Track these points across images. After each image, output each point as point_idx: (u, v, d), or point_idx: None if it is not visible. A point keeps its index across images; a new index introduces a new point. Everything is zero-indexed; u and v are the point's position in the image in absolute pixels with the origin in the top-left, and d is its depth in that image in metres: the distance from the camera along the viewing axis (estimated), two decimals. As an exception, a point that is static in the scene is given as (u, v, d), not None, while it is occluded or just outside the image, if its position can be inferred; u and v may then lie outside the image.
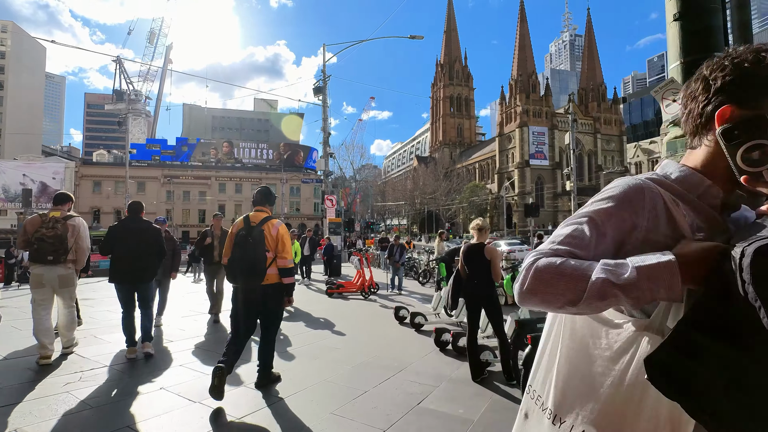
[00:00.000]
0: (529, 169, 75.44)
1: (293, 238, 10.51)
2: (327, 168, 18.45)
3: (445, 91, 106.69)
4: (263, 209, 4.04)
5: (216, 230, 7.57)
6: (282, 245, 3.82)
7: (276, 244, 3.79)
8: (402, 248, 11.82)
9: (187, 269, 17.93)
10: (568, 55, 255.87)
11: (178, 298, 9.62)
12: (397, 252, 11.58)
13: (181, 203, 57.17)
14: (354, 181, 70.71)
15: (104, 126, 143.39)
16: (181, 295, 10.56)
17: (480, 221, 4.34)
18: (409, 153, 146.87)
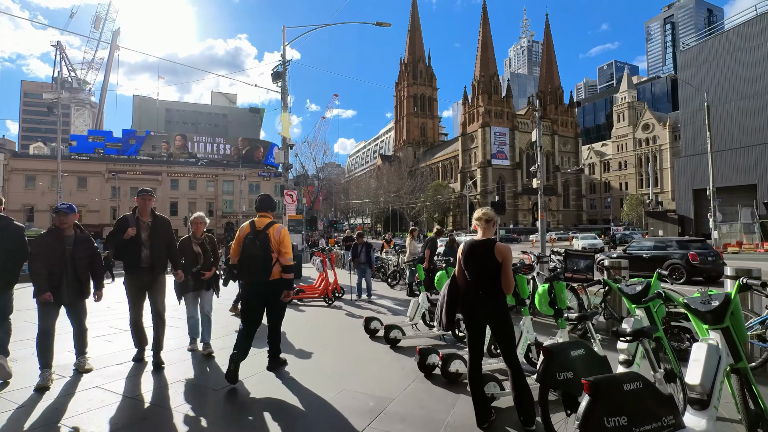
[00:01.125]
0: (491, 168, 76.64)
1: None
2: (286, 161, 16.93)
3: (409, 90, 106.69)
4: (266, 214, 4.54)
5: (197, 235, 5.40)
6: (284, 246, 4.37)
7: (279, 245, 4.33)
8: (368, 247, 10.04)
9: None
10: (525, 60, 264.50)
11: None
12: (362, 252, 9.89)
13: (128, 201, 52.95)
14: (317, 179, 68.73)
15: (43, 117, 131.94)
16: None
17: (487, 210, 3.25)
18: (373, 152, 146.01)
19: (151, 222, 4.70)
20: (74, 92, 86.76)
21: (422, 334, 5.78)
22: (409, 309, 6.44)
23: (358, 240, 10.35)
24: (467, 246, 3.21)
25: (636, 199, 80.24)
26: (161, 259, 4.73)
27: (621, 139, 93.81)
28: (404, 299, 9.76)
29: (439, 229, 9.94)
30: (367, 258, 9.93)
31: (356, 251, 10.05)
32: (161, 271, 4.76)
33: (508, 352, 3.06)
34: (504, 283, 3.06)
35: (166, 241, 4.78)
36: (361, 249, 10.00)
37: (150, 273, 4.63)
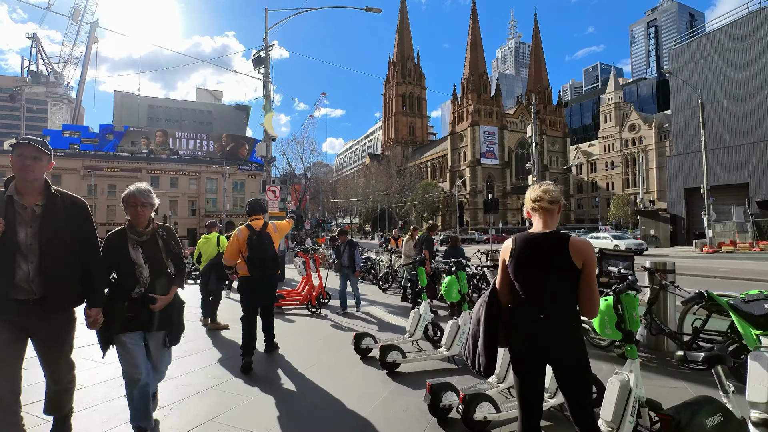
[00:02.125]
0: (481, 167, 76.16)
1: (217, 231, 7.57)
2: (269, 154, 15.69)
3: (398, 89, 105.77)
4: (259, 217, 5.08)
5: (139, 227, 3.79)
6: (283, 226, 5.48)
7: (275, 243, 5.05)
8: (351, 247, 8.01)
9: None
10: (513, 61, 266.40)
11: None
12: (345, 253, 7.97)
13: (106, 199, 50.80)
14: (304, 178, 67.19)
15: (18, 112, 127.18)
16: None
17: (550, 188, 2.14)
18: (362, 151, 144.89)
19: (43, 207, 2.40)
20: (51, 86, 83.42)
21: (426, 355, 4.68)
22: (409, 322, 5.34)
23: (340, 238, 8.40)
24: (522, 242, 2.08)
25: (623, 199, 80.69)
26: (62, 284, 2.43)
27: (608, 140, 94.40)
28: (399, 306, 8.66)
29: (433, 224, 8.75)
30: (350, 260, 7.97)
31: (339, 252, 8.26)
32: (64, 304, 2.50)
33: (583, 411, 1.96)
34: (585, 303, 1.98)
35: (77, 245, 2.52)
36: (343, 249, 8.11)
37: (37, 311, 2.36)
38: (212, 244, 7.25)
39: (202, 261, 7.19)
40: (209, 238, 7.29)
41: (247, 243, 4.75)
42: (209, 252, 7.17)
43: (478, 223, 74.22)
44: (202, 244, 7.34)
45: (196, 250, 7.47)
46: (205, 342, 5.87)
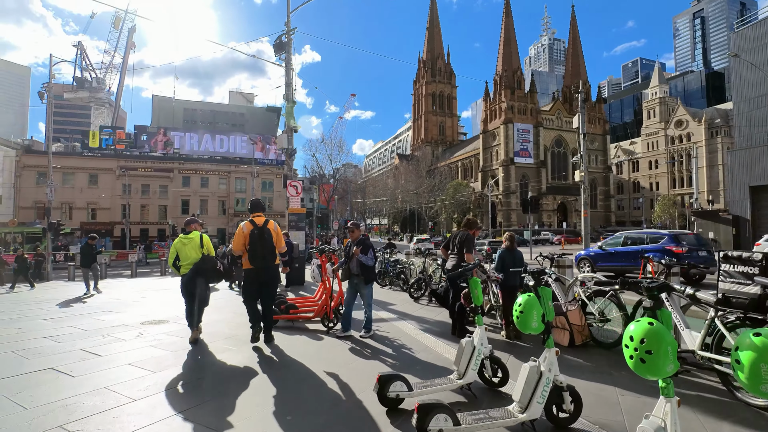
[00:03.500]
0: (514, 167, 72.99)
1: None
2: (290, 146, 14.48)
3: (428, 89, 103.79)
4: (259, 214, 5.70)
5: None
6: (279, 237, 5.66)
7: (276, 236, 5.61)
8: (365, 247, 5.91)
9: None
10: (546, 59, 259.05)
11: None
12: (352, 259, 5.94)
13: (139, 198, 51.72)
14: (333, 178, 66.50)
15: (67, 118, 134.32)
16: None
17: None
18: (391, 151, 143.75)
19: None
20: (93, 92, 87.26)
21: (491, 419, 3.07)
22: (457, 355, 3.79)
23: (351, 234, 6.17)
24: None
25: (668, 200, 75.43)
26: None
27: (651, 137, 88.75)
28: (436, 321, 7.08)
29: (472, 219, 6.68)
30: (361, 268, 5.89)
31: (348, 253, 6.10)
32: None
33: None
34: None
35: None
36: (349, 249, 6.06)
37: None
38: (194, 244, 5.81)
39: (181, 265, 5.75)
40: (190, 238, 5.84)
41: (249, 236, 5.40)
42: (191, 255, 5.75)
43: (511, 224, 71.14)
44: (181, 246, 5.79)
45: (172, 251, 5.88)
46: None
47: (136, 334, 6.04)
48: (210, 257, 5.78)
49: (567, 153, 79.26)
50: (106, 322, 6.92)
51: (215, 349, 5.33)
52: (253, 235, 5.37)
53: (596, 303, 5.33)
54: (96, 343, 5.46)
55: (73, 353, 4.97)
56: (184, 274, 5.71)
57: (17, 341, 5.54)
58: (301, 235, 12.60)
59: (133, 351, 5.10)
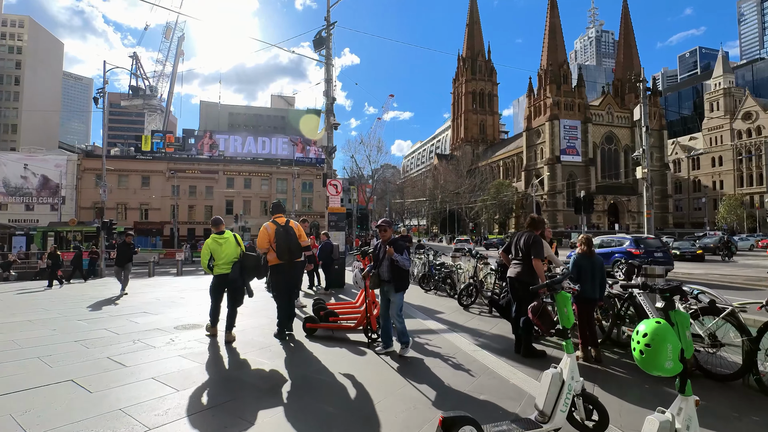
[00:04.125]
0: (560, 165, 69.54)
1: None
2: (330, 143, 14.00)
3: (468, 87, 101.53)
4: (281, 215, 6.10)
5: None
6: (301, 232, 6.11)
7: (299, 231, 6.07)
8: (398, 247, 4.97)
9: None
10: (594, 52, 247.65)
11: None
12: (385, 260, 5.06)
13: (187, 199, 53.86)
14: (371, 179, 66.21)
15: (123, 125, 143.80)
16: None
17: None
18: (429, 151, 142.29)
19: None
20: (147, 99, 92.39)
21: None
22: (541, 392, 2.95)
23: (383, 234, 5.16)
24: None
25: (735, 200, 69.12)
26: None
27: (714, 131, 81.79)
28: (493, 335, 6.20)
29: (538, 218, 5.56)
30: (392, 273, 4.95)
31: (377, 257, 5.26)
32: None
33: None
34: None
35: None
36: (382, 252, 5.13)
37: None
38: (231, 243, 5.90)
39: (215, 265, 5.75)
40: (225, 237, 5.90)
41: (275, 235, 5.79)
42: (230, 254, 5.83)
43: (557, 225, 67.77)
44: (216, 246, 5.80)
45: (205, 252, 5.82)
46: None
47: (167, 340, 5.63)
48: (253, 254, 5.85)
49: (618, 150, 74.68)
50: (140, 325, 6.61)
51: (247, 361, 4.78)
52: (279, 232, 5.80)
53: (705, 323, 4.28)
54: (124, 350, 5.07)
55: (98, 362, 4.58)
56: (220, 274, 5.74)
57: (47, 345, 5.26)
58: (342, 236, 12.03)
59: (161, 362, 4.65)
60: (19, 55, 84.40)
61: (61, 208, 48.43)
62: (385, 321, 5.19)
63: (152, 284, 14.19)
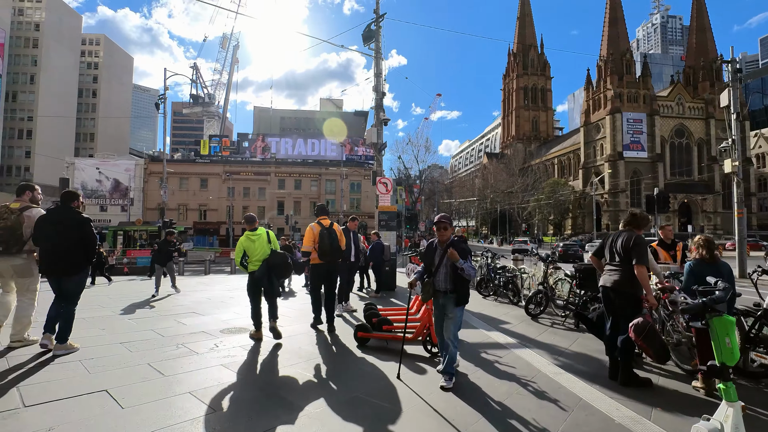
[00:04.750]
0: (623, 162, 64.58)
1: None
2: (380, 140, 13.45)
3: (519, 82, 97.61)
4: (325, 217, 6.41)
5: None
6: (341, 236, 6.47)
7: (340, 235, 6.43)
8: (462, 253, 3.99)
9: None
10: (658, 39, 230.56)
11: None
12: (444, 266, 4.09)
13: (242, 200, 55.99)
14: (419, 179, 65.28)
15: (185, 131, 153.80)
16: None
17: None
18: (478, 151, 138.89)
19: None
20: (205, 106, 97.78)
21: None
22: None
23: (441, 234, 4.17)
24: None
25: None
26: None
27: (808, 121, 72.29)
28: (575, 353, 5.25)
29: (640, 214, 4.53)
30: (453, 282, 4.04)
31: (430, 261, 4.22)
32: None
33: None
34: None
35: None
36: (439, 256, 4.13)
37: None
38: (263, 240, 5.76)
39: (249, 262, 5.73)
40: (258, 234, 5.77)
41: (319, 235, 6.11)
42: (260, 251, 5.71)
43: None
44: (249, 243, 5.72)
45: (239, 249, 5.76)
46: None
47: (211, 345, 5.26)
48: (280, 252, 5.78)
49: (691, 144, 68.23)
50: (187, 327, 6.35)
51: (291, 374, 4.24)
52: (322, 234, 6.13)
53: None
54: (166, 356, 4.73)
55: (137, 369, 4.24)
56: (254, 271, 5.68)
57: (92, 347, 5.06)
58: (392, 236, 11.40)
59: (201, 372, 4.23)
60: (96, 70, 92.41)
61: (130, 209, 52.12)
62: (442, 341, 4.24)
63: (206, 282, 14.38)
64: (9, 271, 4.70)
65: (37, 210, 4.85)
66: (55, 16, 78.04)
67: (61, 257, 4.54)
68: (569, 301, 6.82)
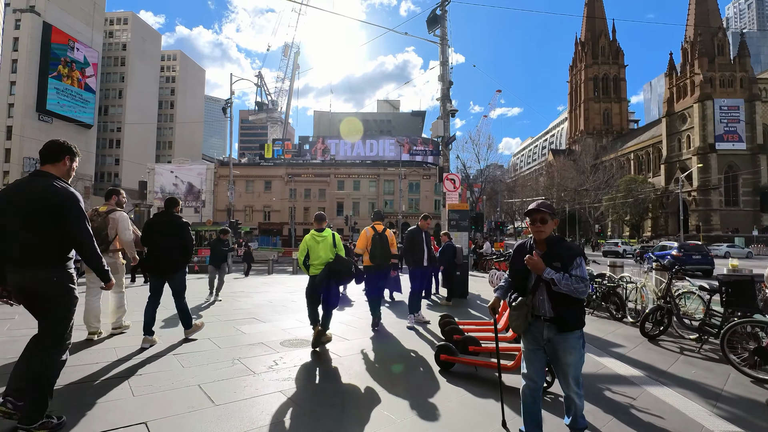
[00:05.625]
0: (716, 155, 57.28)
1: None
2: (447, 133, 12.37)
3: (588, 72, 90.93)
4: (379, 222, 6.66)
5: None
6: (392, 241, 6.66)
7: (390, 240, 6.58)
8: (577, 264, 2.58)
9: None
10: (753, 16, 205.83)
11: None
12: (538, 283, 2.65)
13: (303, 201, 57.35)
14: (481, 178, 62.82)
15: (251, 137, 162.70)
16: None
17: None
18: (541, 148, 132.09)
19: None
20: (269, 112, 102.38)
21: None
22: None
23: (539, 230, 2.72)
24: None
25: None
26: None
27: None
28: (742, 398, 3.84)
29: None
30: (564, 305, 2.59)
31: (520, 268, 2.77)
32: None
33: None
34: None
35: None
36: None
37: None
38: (327, 243, 5.41)
39: (311, 264, 5.39)
40: (323, 236, 5.43)
41: (371, 239, 6.48)
42: (323, 254, 5.36)
43: (711, 227, 56.06)
44: (313, 243, 5.41)
45: (302, 248, 5.47)
46: None
47: (270, 363, 4.56)
48: (345, 259, 5.43)
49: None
50: (246, 337, 5.77)
51: (362, 412, 3.36)
52: (375, 239, 6.42)
53: None
54: (219, 375, 4.09)
55: (185, 393, 3.61)
56: (314, 275, 5.39)
57: (144, 358, 4.57)
58: (464, 237, 10.27)
59: (256, 401, 3.50)
60: (173, 83, 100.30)
61: (202, 211, 55.42)
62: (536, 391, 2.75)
63: (269, 282, 14.23)
64: None
65: (121, 213, 5.44)
66: (138, 37, 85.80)
67: (164, 257, 5.03)
68: (706, 323, 5.31)
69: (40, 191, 2.61)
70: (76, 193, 2.74)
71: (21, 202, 2.58)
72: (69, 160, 2.84)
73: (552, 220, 2.73)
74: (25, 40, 62.44)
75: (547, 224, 2.72)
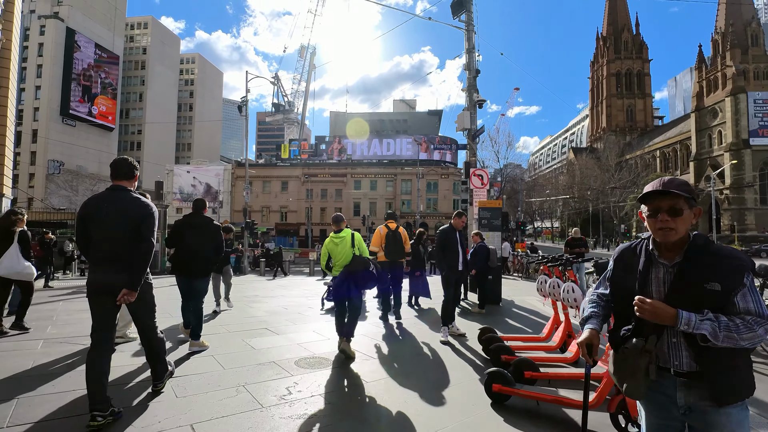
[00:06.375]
0: (750, 151, 54.45)
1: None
2: (474, 125, 11.46)
3: (610, 68, 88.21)
4: (392, 221, 7.20)
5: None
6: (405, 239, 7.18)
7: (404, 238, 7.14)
8: (745, 266, 1.52)
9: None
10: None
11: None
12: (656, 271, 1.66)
13: (319, 201, 56.94)
14: (500, 176, 61.27)
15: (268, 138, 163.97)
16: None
17: None
18: (561, 146, 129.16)
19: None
20: (286, 113, 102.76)
21: None
22: None
23: (666, 227, 1.62)
24: None
25: None
26: None
27: None
28: None
29: None
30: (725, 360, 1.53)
31: (633, 291, 1.68)
32: None
33: None
34: None
35: None
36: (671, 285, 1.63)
37: None
38: (346, 243, 5.05)
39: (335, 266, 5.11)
40: (342, 237, 5.09)
41: (386, 237, 7.07)
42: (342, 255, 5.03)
43: (746, 227, 53.30)
44: (333, 246, 5.10)
45: (324, 252, 5.18)
46: None
47: (282, 391, 3.75)
48: (361, 258, 5.04)
49: None
50: (255, 354, 4.98)
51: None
52: (388, 236, 7.04)
53: None
54: (219, 411, 3.30)
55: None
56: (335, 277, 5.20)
57: (138, 380, 3.82)
58: (497, 237, 9.33)
59: (263, 450, 2.68)
60: (192, 86, 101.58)
61: (219, 211, 55.54)
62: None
63: (285, 285, 13.56)
64: None
65: None
66: (158, 41, 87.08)
67: (193, 260, 4.96)
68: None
69: (129, 203, 3.11)
70: (155, 207, 3.25)
71: (122, 211, 3.03)
72: (136, 176, 3.34)
73: (691, 209, 1.63)
74: (49, 46, 63.85)
75: (681, 217, 1.60)
